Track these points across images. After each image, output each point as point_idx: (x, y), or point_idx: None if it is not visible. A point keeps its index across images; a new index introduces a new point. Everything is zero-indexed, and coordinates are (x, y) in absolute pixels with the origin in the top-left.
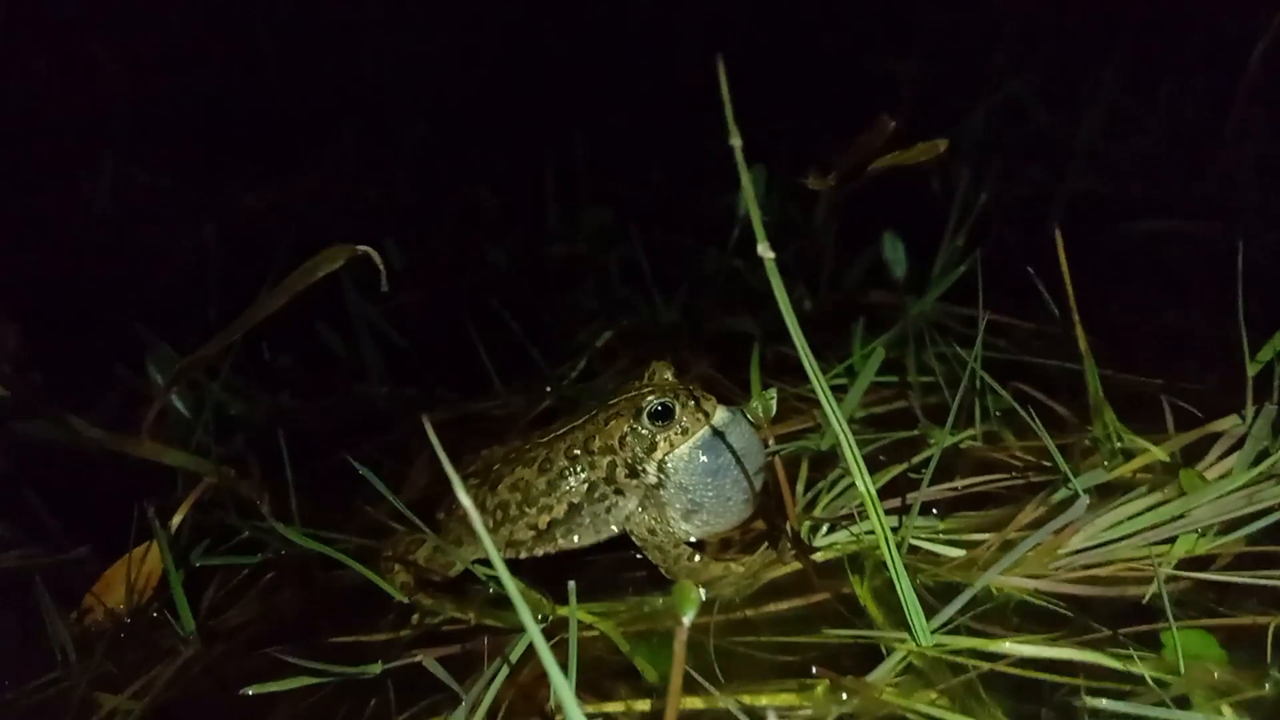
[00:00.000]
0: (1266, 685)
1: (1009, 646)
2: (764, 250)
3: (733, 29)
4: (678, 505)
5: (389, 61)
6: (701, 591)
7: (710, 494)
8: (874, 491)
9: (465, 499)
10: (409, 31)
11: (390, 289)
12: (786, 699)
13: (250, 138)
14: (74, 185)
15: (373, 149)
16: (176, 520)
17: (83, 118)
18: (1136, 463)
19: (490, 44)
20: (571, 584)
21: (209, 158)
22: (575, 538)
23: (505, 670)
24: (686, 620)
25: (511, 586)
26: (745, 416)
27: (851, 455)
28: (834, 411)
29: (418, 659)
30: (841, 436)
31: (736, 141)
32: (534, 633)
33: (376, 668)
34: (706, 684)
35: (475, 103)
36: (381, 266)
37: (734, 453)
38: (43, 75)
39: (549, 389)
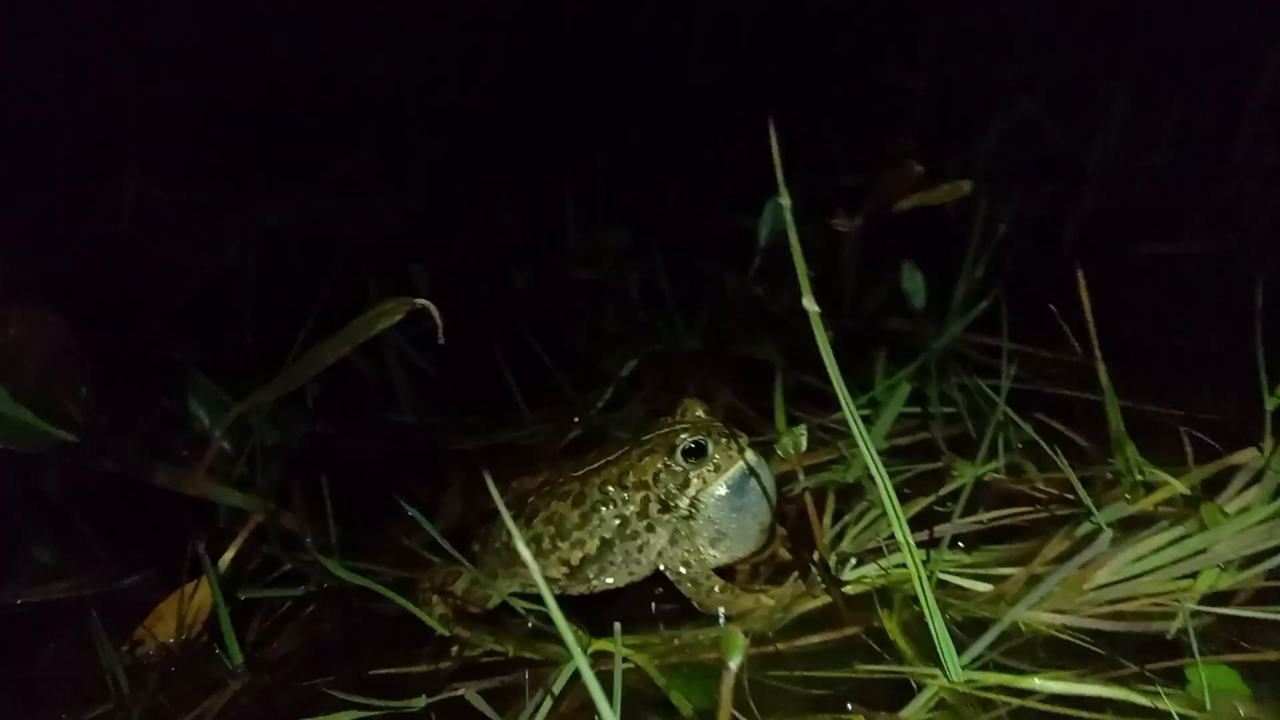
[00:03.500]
0: None
1: (1039, 683)
2: (809, 304)
3: (744, 38)
4: (705, 534)
5: (407, 82)
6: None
7: (734, 525)
8: (908, 528)
9: (522, 547)
10: (427, 52)
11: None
12: None
13: (268, 158)
14: (92, 203)
15: (392, 167)
16: (227, 558)
17: (101, 132)
18: (1157, 496)
19: (507, 63)
20: (617, 625)
21: (227, 174)
22: (608, 578)
23: (548, 703)
24: (733, 664)
25: (558, 615)
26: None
27: (886, 493)
28: (869, 452)
29: (460, 692)
30: (877, 477)
31: (786, 201)
32: (581, 662)
33: (421, 701)
34: (743, 719)
35: (492, 121)
36: (439, 321)
37: (761, 486)
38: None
39: (576, 419)
